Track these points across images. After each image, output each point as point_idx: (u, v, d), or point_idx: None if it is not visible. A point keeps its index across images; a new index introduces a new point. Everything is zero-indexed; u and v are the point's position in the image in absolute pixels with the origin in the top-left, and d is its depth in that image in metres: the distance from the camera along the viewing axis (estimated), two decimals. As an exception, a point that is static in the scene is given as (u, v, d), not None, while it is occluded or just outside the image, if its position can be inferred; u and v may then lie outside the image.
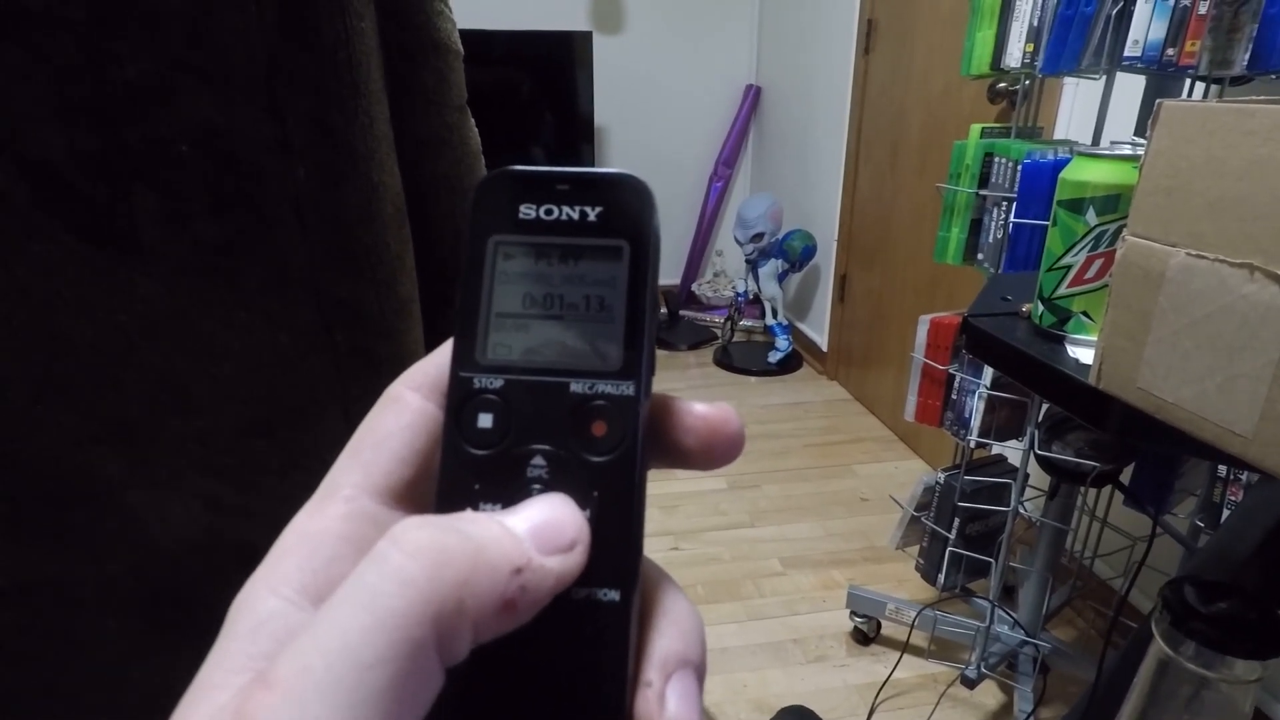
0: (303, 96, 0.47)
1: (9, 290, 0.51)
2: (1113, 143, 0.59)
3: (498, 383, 0.15)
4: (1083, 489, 1.09)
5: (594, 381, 0.15)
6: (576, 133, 2.67)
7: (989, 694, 1.24)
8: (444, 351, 0.16)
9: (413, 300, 0.61)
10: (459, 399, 0.15)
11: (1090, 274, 0.57)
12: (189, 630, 0.76)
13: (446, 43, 0.57)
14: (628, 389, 0.15)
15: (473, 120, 0.67)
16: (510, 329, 0.16)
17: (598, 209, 0.16)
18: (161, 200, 0.49)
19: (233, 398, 0.59)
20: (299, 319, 0.55)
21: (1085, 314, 0.58)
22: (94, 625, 0.74)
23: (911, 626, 1.25)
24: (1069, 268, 0.58)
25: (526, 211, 0.16)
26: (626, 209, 0.16)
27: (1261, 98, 0.41)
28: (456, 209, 0.64)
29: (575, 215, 0.16)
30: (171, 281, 0.52)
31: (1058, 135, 1.43)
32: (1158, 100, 0.43)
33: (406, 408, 0.17)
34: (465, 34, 0.61)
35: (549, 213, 0.16)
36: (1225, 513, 0.98)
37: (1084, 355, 0.55)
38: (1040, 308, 0.61)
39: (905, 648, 1.30)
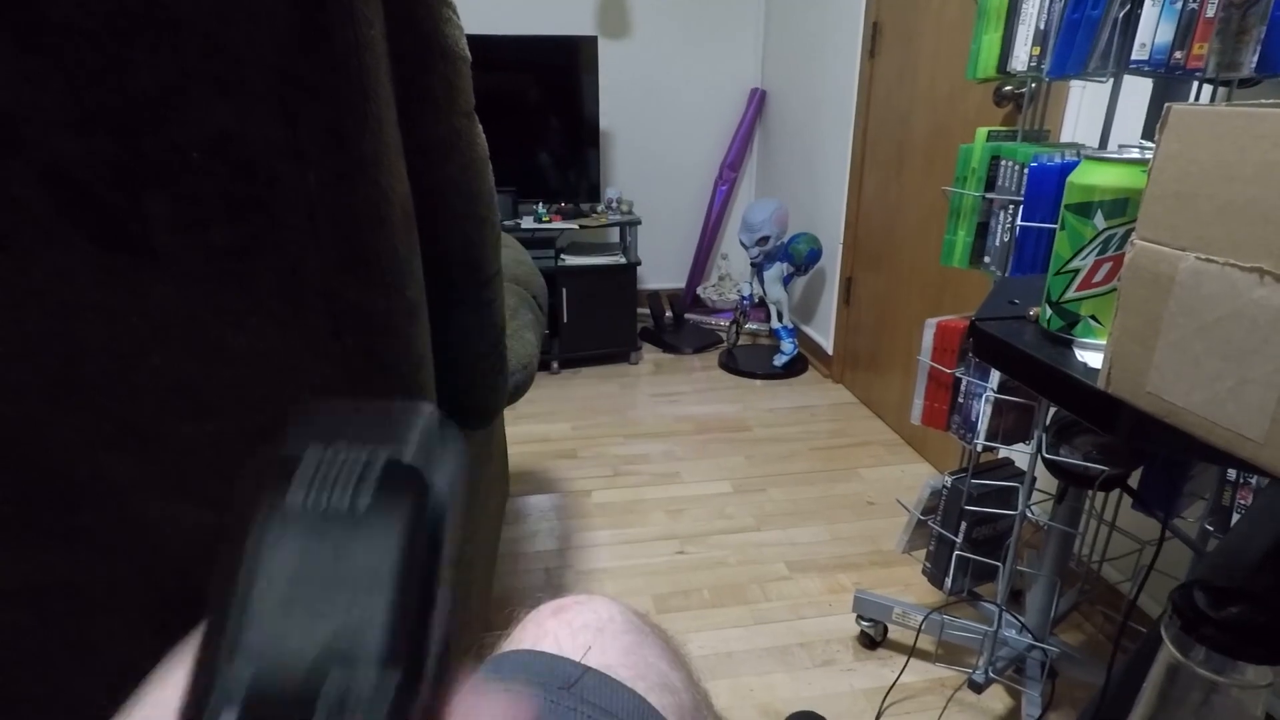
0: (314, 104, 0.47)
1: (25, 295, 0.52)
2: (1121, 146, 0.59)
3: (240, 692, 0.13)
4: (1090, 493, 1.09)
5: (350, 680, 0.13)
6: (582, 137, 2.67)
7: (997, 698, 1.23)
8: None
9: (420, 303, 0.62)
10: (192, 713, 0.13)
11: (1099, 278, 0.57)
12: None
13: (454, 49, 0.58)
14: (389, 687, 0.13)
15: (480, 126, 0.67)
16: (260, 623, 0.14)
17: (373, 486, 0.15)
18: (176, 206, 0.50)
19: (243, 401, 0.60)
20: (309, 322, 0.56)
21: (1094, 318, 0.58)
22: (103, 628, 0.74)
23: (918, 631, 1.24)
24: (1077, 271, 0.58)
25: (294, 495, 0.15)
26: (405, 485, 0.15)
27: (1271, 101, 0.41)
28: (464, 213, 0.64)
29: (346, 498, 0.15)
30: (184, 286, 0.53)
31: (1065, 138, 1.43)
32: (1166, 104, 0.43)
33: None
34: (472, 39, 0.62)
35: (318, 496, 0.15)
36: (1235, 516, 0.98)
37: (1092, 359, 0.55)
38: (1048, 311, 0.61)
39: (912, 652, 1.29)
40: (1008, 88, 1.53)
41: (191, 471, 0.64)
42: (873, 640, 1.34)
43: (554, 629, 0.38)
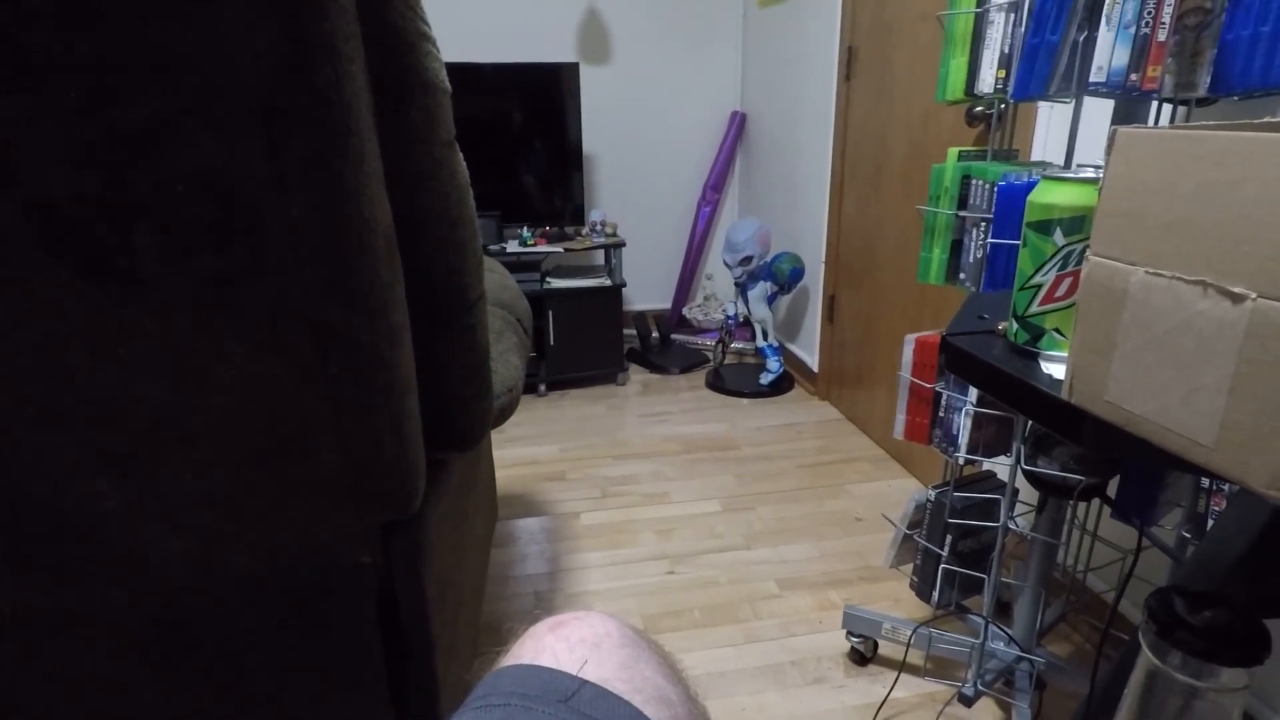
0: (298, 137, 0.49)
1: (11, 326, 0.53)
2: (1077, 166, 0.62)
3: None
4: (1070, 503, 1.11)
5: None
6: (565, 161, 2.71)
7: (986, 711, 1.23)
8: None
9: (404, 328, 0.63)
10: None
11: (1060, 292, 0.59)
12: (188, 661, 0.76)
13: (435, 81, 0.59)
14: None
15: (461, 155, 0.69)
16: None
17: None
18: (162, 238, 0.51)
19: (229, 429, 0.61)
20: (294, 349, 0.57)
21: (1057, 331, 0.60)
22: (92, 657, 0.74)
23: (908, 645, 1.25)
24: (1039, 286, 0.60)
25: None
26: None
27: (1211, 123, 0.43)
28: (446, 239, 0.66)
29: None
30: (171, 315, 0.54)
31: (1034, 157, 1.47)
32: (1113, 127, 0.45)
33: None
34: (456, 68, 0.64)
35: None
36: (1211, 523, 0.99)
37: (1057, 371, 0.57)
38: (1015, 325, 0.63)
39: (902, 667, 1.30)
40: (978, 108, 1.57)
41: (179, 499, 0.65)
42: (863, 656, 1.34)
43: (551, 644, 0.38)
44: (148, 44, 0.48)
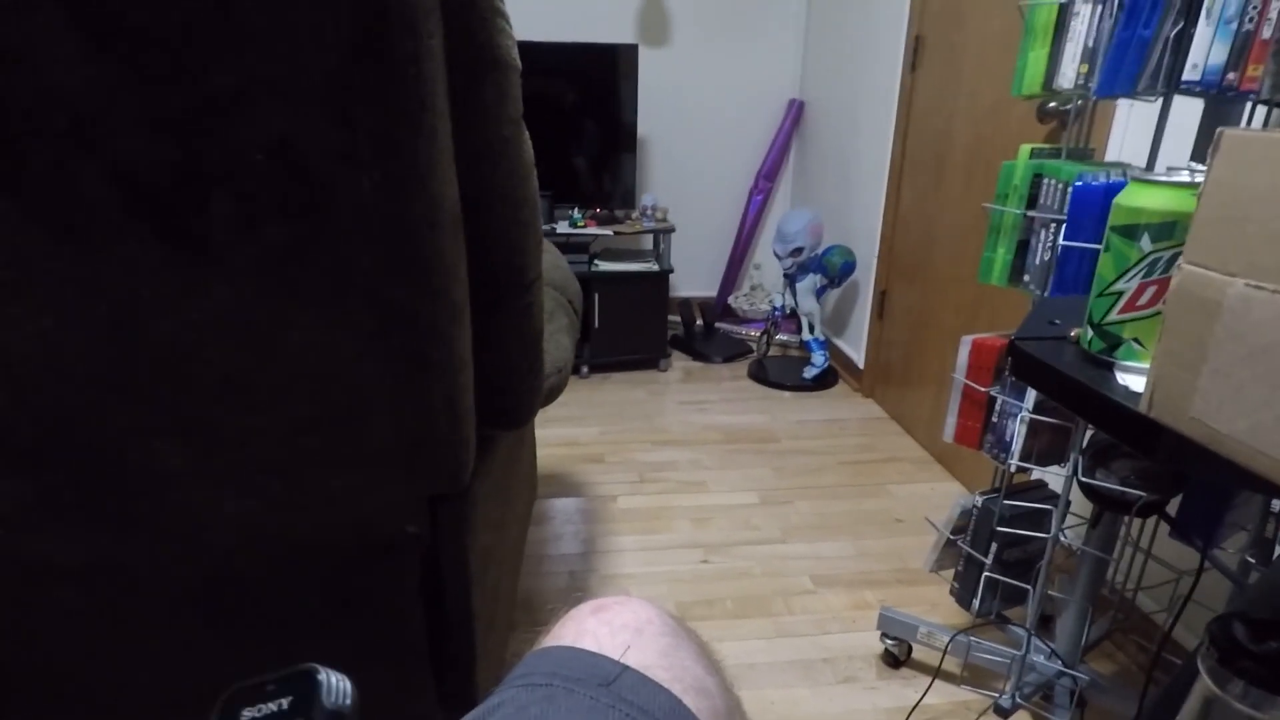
0: (372, 111, 0.49)
1: (92, 287, 0.54)
2: (1169, 168, 0.58)
3: None
4: (1127, 518, 1.07)
5: None
6: (619, 143, 2.70)
7: (1023, 724, 1.21)
8: None
9: (464, 307, 0.63)
10: None
11: (1143, 300, 0.56)
12: (237, 620, 0.79)
13: (507, 59, 0.59)
14: None
15: (527, 132, 0.69)
16: None
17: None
18: (237, 206, 0.52)
19: (290, 396, 0.62)
20: (357, 322, 0.57)
21: (1136, 341, 0.57)
22: (148, 609, 0.77)
23: (944, 651, 1.23)
24: (1121, 294, 0.57)
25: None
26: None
27: (1327, 129, 0.41)
28: (510, 218, 0.66)
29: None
30: (241, 283, 0.55)
31: (1110, 157, 1.41)
32: (1219, 129, 0.43)
33: None
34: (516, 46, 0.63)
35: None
36: (1278, 549, 0.95)
37: (1134, 382, 0.55)
38: (1089, 333, 0.61)
39: (937, 673, 1.27)
40: (1051, 104, 1.51)
41: (238, 462, 0.67)
42: (896, 659, 1.33)
43: (594, 627, 0.39)
44: (231, 14, 0.48)
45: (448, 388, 0.63)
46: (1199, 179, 0.44)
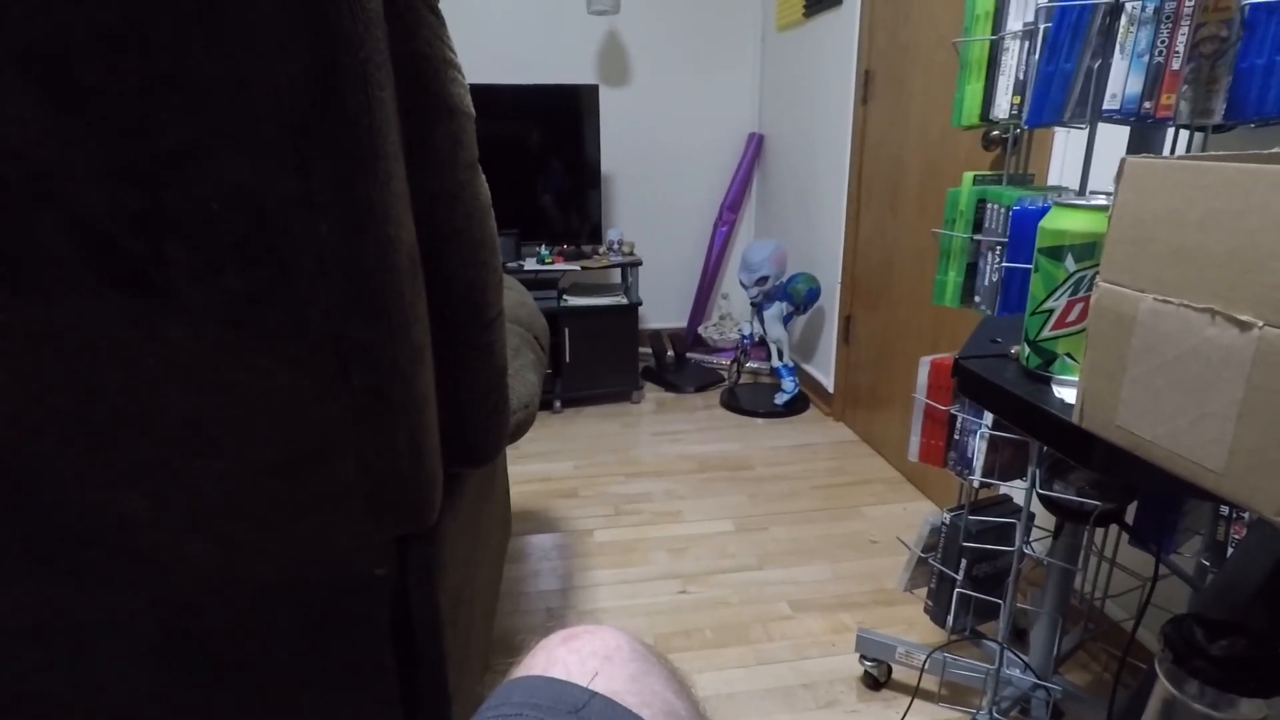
0: (327, 158, 0.51)
1: (45, 336, 0.55)
2: (1091, 192, 0.62)
3: None
4: (1088, 528, 1.09)
5: None
6: (584, 180, 2.74)
7: (1002, 740, 1.21)
8: None
9: (425, 346, 0.64)
10: None
11: (1072, 317, 0.59)
12: (203, 669, 0.77)
13: (459, 106, 0.61)
14: None
15: (483, 176, 0.71)
16: None
17: None
18: (194, 253, 0.53)
19: (252, 440, 0.62)
20: (318, 363, 0.58)
21: (1069, 355, 0.60)
22: (108, 663, 0.75)
23: (922, 670, 1.24)
24: (1051, 311, 0.60)
25: None
26: None
27: (1219, 153, 0.44)
28: (468, 259, 0.67)
29: None
30: (199, 328, 0.56)
31: (1050, 181, 1.47)
32: (1122, 157, 0.46)
33: None
34: (478, 89, 0.66)
35: None
36: (1230, 550, 0.98)
37: (1068, 395, 0.57)
38: (1027, 350, 0.64)
39: (916, 692, 1.28)
40: (994, 132, 1.58)
41: (199, 507, 0.66)
42: (876, 681, 1.33)
43: (563, 656, 0.39)
44: (187, 70, 0.50)
45: (411, 427, 0.64)
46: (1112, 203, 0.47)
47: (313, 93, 0.50)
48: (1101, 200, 0.59)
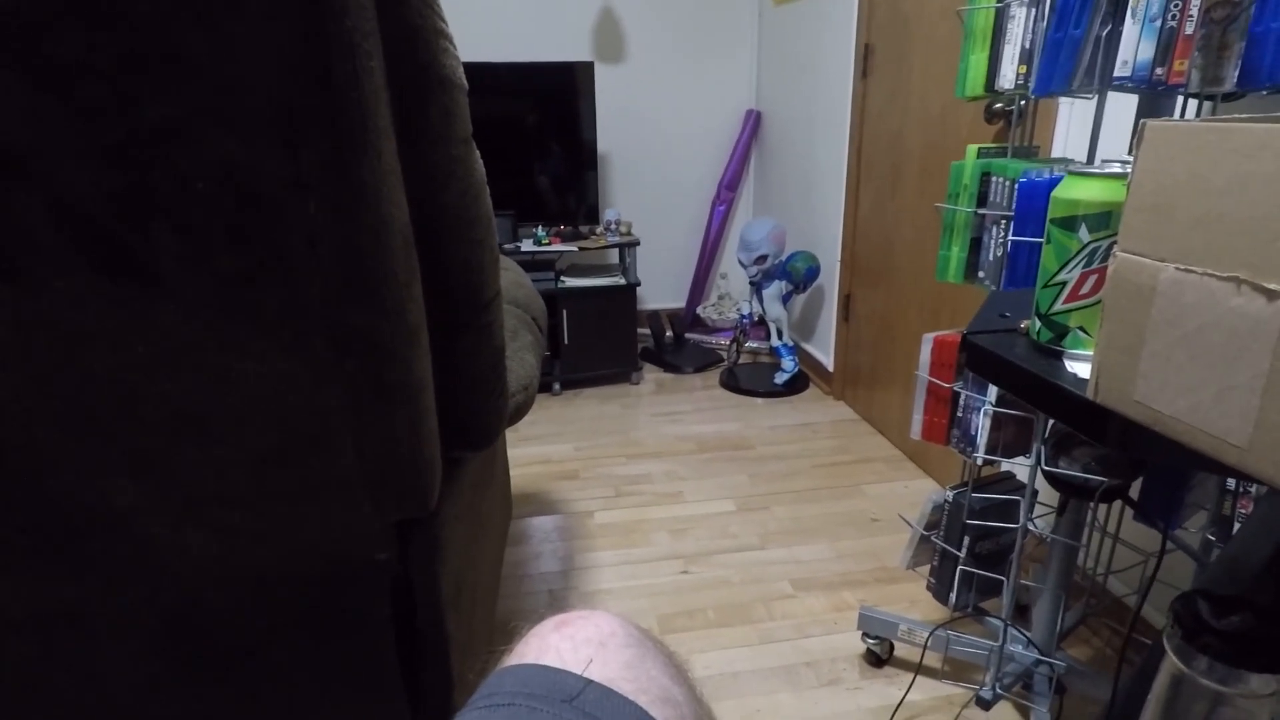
0: (316, 135, 0.49)
1: (34, 325, 0.53)
2: (1103, 161, 0.60)
3: None
4: (1092, 505, 1.09)
5: None
6: (580, 160, 2.71)
7: (1005, 715, 1.22)
8: None
9: (421, 327, 0.63)
10: None
11: (1085, 289, 0.58)
12: (203, 660, 0.77)
13: (452, 79, 0.59)
14: None
15: (477, 152, 0.69)
16: None
17: None
18: (181, 235, 0.51)
19: (248, 426, 0.61)
20: (312, 347, 0.57)
21: (1081, 329, 0.59)
22: (108, 655, 0.75)
23: (924, 647, 1.24)
24: (1064, 284, 0.59)
25: None
26: None
27: (1243, 115, 0.42)
28: (463, 237, 0.65)
29: None
30: (190, 313, 0.54)
31: (1055, 153, 1.45)
32: (1142, 121, 0.44)
33: None
34: (472, 68, 0.63)
35: None
36: (1237, 526, 0.98)
37: (1081, 370, 0.56)
38: (1037, 324, 0.62)
39: (919, 669, 1.28)
40: (998, 105, 1.55)
41: (197, 496, 0.65)
42: (879, 658, 1.33)
43: (556, 643, 0.38)
44: (168, 43, 0.48)
45: (409, 410, 0.62)
46: (1129, 169, 0.45)
47: (299, 66, 0.48)
48: (1116, 168, 0.57)
